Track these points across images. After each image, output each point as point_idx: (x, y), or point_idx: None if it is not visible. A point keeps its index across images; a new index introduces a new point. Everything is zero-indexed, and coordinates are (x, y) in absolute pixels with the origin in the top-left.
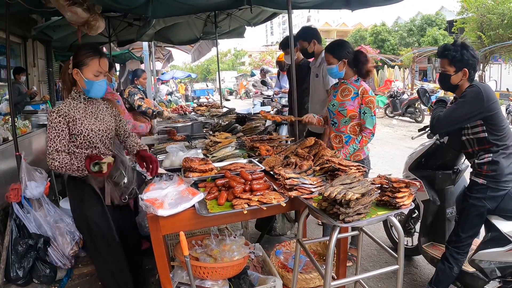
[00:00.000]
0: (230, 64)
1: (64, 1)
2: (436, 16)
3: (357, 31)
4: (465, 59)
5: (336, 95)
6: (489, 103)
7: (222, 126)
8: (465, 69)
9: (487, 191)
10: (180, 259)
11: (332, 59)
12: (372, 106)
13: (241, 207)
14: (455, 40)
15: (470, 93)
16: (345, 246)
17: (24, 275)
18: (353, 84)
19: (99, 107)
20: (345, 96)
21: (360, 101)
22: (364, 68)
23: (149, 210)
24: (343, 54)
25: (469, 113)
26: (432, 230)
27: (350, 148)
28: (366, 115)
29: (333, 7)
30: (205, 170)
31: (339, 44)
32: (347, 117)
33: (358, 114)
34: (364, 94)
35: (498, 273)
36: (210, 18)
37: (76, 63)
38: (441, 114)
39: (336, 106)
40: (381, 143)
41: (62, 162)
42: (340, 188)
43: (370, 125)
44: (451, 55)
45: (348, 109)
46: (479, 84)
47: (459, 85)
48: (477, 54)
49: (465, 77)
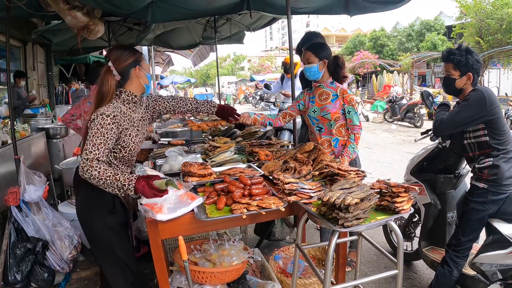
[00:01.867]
0: (230, 69)
1: (64, 5)
2: (435, 21)
3: (356, 36)
4: (470, 64)
5: (314, 100)
6: (492, 107)
7: (221, 131)
8: (469, 73)
9: (488, 195)
10: (179, 263)
11: (313, 58)
12: (354, 103)
13: (240, 212)
14: (460, 45)
15: (473, 96)
16: (344, 251)
17: (22, 279)
18: (329, 86)
19: (140, 113)
20: (324, 100)
21: (342, 101)
22: (342, 72)
23: (148, 214)
24: (325, 55)
25: (472, 116)
26: (433, 234)
27: (349, 148)
28: (351, 114)
29: (332, 12)
30: (204, 174)
31: (321, 45)
32: (332, 120)
33: (341, 115)
34: (344, 94)
35: (499, 275)
36: (209, 23)
37: (135, 61)
38: (443, 117)
39: (317, 112)
40: (380, 148)
41: (103, 173)
42: (339, 193)
43: (357, 121)
44: (456, 59)
45: (332, 112)
46: (482, 88)
47: (463, 89)
48: (480, 59)
49: (469, 82)
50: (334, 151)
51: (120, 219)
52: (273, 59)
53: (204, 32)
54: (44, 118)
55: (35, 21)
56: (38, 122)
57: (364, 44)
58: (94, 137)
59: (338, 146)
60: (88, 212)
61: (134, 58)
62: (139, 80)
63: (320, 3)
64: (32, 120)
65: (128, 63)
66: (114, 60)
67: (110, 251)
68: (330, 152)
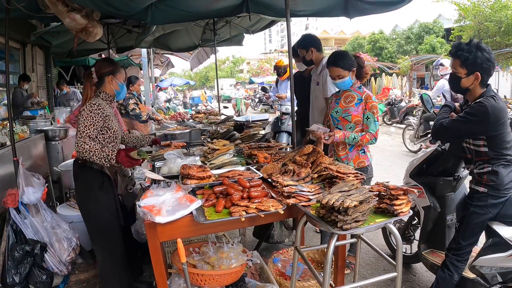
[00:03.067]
0: (229, 72)
1: (63, 7)
2: (434, 24)
3: (355, 39)
4: (479, 62)
5: (339, 102)
6: (496, 123)
7: (220, 133)
8: (477, 72)
9: (488, 199)
10: (177, 266)
11: (343, 72)
12: (375, 111)
13: (239, 215)
14: (471, 40)
15: (477, 113)
16: (343, 253)
17: (20, 281)
18: (356, 91)
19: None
20: (348, 102)
21: (364, 106)
22: (363, 71)
23: (147, 217)
24: (350, 64)
25: (473, 132)
26: (432, 237)
27: (351, 135)
28: (369, 120)
29: (331, 15)
30: (203, 177)
31: (342, 56)
32: (352, 122)
33: (361, 119)
34: (368, 99)
35: (499, 278)
36: (209, 26)
37: (112, 70)
38: (444, 122)
39: (340, 113)
40: (379, 151)
41: (92, 147)
42: (338, 196)
43: (374, 129)
44: (463, 56)
45: (353, 114)
46: (488, 103)
47: (470, 89)
48: (493, 57)
49: (477, 81)
50: (348, 154)
51: (109, 196)
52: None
53: (203, 35)
54: (43, 120)
55: (34, 23)
56: (37, 124)
57: (363, 46)
58: (86, 120)
59: (352, 150)
60: (84, 191)
61: (110, 69)
62: (111, 86)
63: (319, 5)
64: (31, 122)
65: (105, 71)
66: (96, 67)
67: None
68: (344, 155)
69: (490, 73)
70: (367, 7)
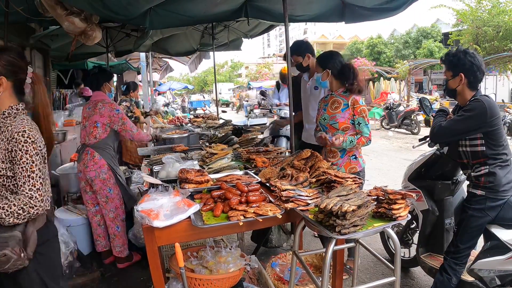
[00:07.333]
0: (227, 76)
1: (62, 10)
2: (432, 28)
3: (353, 44)
4: (461, 64)
5: (326, 108)
6: (492, 118)
7: (218, 137)
8: (461, 74)
9: (486, 202)
10: (175, 270)
11: (318, 68)
12: (365, 115)
13: (237, 219)
14: (458, 47)
15: (474, 108)
16: (341, 258)
17: None
18: (341, 96)
19: None
20: (335, 108)
21: (352, 112)
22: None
23: (145, 221)
24: (328, 65)
25: (471, 127)
26: (431, 240)
27: (348, 138)
28: (361, 125)
29: (329, 20)
30: (201, 181)
31: (328, 54)
32: (340, 130)
33: (350, 125)
34: (355, 104)
35: (497, 281)
36: (207, 30)
37: None
38: (442, 124)
39: (327, 120)
40: (377, 155)
41: None
42: (336, 200)
43: (367, 133)
44: (448, 59)
45: (340, 121)
46: (483, 99)
47: (459, 91)
48: (479, 60)
49: (462, 83)
50: (338, 161)
51: None
52: (270, 66)
53: (201, 39)
54: None
55: (33, 26)
56: None
57: (361, 51)
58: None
59: (344, 157)
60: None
61: None
62: None
63: (318, 10)
64: None
65: None
66: None
67: None
68: (335, 161)
69: (476, 75)
70: (364, 13)
